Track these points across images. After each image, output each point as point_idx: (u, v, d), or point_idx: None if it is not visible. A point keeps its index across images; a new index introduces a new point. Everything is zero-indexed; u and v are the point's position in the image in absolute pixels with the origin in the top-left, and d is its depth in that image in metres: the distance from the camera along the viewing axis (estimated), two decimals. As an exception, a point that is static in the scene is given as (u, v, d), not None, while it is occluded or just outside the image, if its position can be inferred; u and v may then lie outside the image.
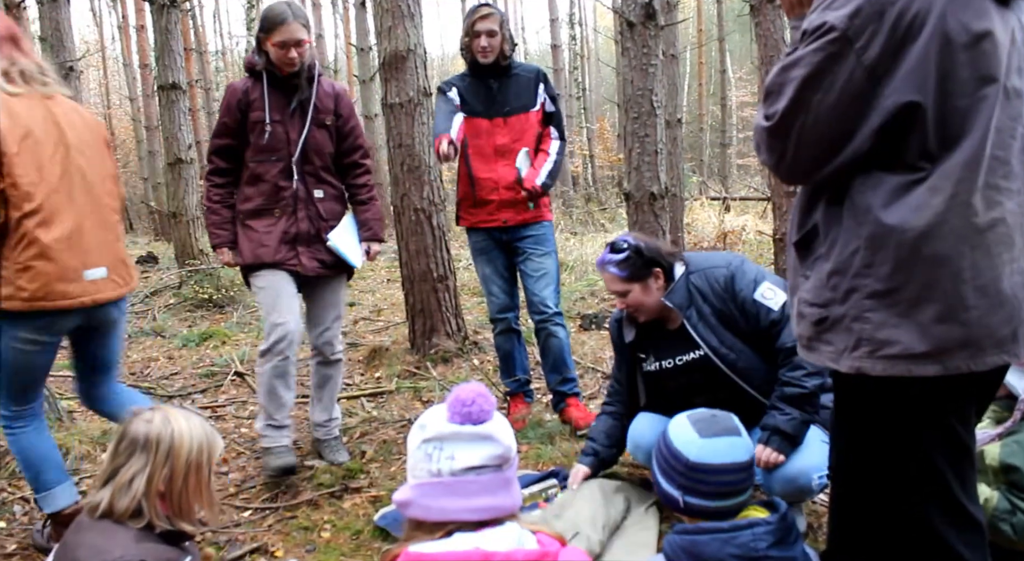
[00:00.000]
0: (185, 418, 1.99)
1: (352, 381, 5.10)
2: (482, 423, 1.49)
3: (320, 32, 22.82)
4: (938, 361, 1.45)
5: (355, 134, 3.57)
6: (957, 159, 1.43)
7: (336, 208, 3.53)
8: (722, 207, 12.25)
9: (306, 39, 3.31)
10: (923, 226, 1.43)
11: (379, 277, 10.15)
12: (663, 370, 2.86)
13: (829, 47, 1.42)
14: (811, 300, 1.59)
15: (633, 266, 2.72)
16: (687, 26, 27.01)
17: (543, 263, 3.92)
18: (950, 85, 1.41)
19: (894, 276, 1.46)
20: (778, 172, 1.59)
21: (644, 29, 3.89)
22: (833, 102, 1.44)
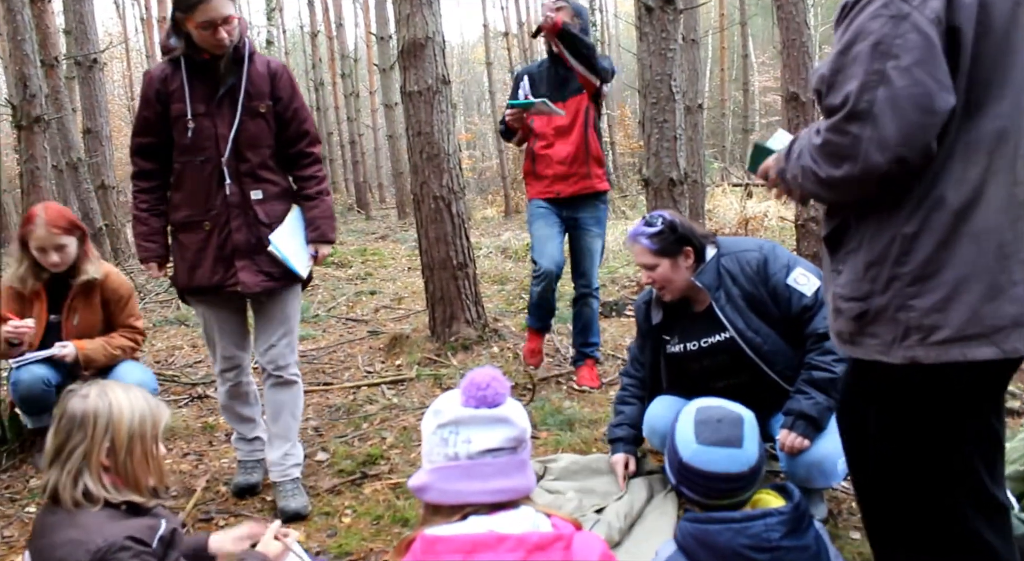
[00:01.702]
0: (124, 390, 1.94)
1: (373, 368, 5.14)
2: (497, 406, 1.50)
3: (340, 21, 22.88)
4: (992, 342, 1.39)
5: (299, 119, 3.07)
6: (988, 128, 1.39)
7: (279, 208, 3.06)
8: (744, 193, 12.14)
9: (234, 14, 2.82)
10: (961, 201, 1.39)
11: (400, 265, 10.19)
12: (687, 352, 2.85)
13: (885, 11, 1.35)
14: (848, 295, 1.54)
15: (665, 241, 2.72)
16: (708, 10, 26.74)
17: (596, 244, 4.37)
18: (982, 39, 1.37)
19: (935, 258, 1.41)
20: (866, 161, 1.38)
21: (663, 13, 3.86)
22: (910, 63, 1.32)
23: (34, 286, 3.47)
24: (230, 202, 2.94)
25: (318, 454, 3.66)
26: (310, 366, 5.31)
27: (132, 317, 3.71)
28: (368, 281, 9.04)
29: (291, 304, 3.16)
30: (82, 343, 3.50)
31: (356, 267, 10.08)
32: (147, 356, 5.66)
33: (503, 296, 7.42)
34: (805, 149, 1.49)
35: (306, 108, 3.12)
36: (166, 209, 3.05)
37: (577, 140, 4.24)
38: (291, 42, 35.11)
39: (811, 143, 1.46)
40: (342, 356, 5.57)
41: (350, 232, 15.76)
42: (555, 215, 4.36)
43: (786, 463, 2.55)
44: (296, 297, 3.19)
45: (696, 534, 2.00)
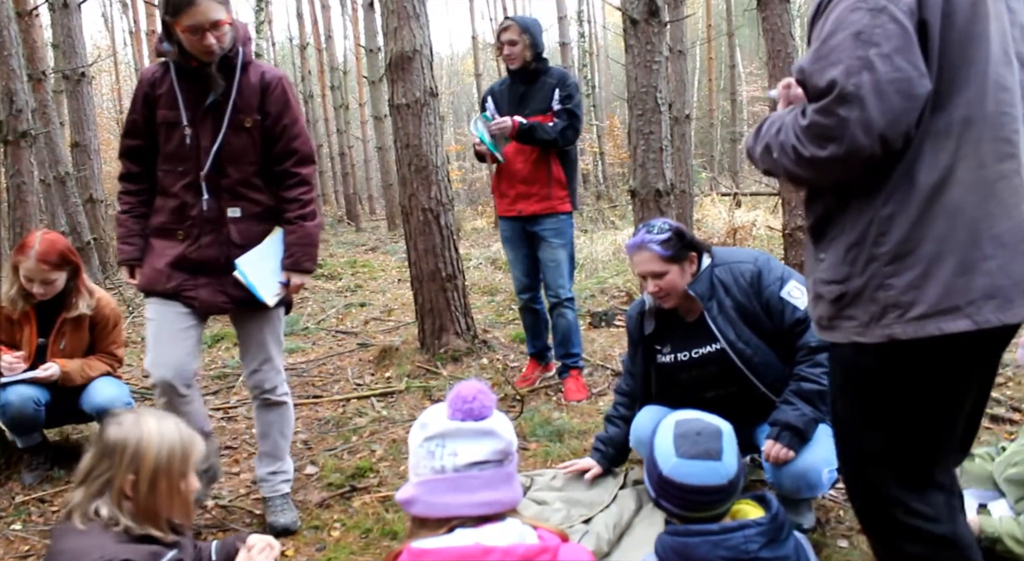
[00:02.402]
0: (159, 421, 1.92)
1: (363, 381, 5.13)
2: (483, 419, 1.51)
3: (330, 33, 22.92)
4: (966, 315, 1.44)
5: (288, 136, 2.87)
6: (955, 115, 1.46)
7: (256, 230, 2.88)
8: (732, 202, 12.21)
9: (224, 19, 2.65)
10: (933, 181, 1.46)
11: (390, 277, 10.19)
12: (678, 362, 2.85)
13: (863, 4, 1.42)
14: (828, 278, 1.59)
15: (675, 247, 2.69)
16: (696, 21, 26.93)
17: (558, 254, 4.38)
18: (947, 33, 1.45)
19: (910, 237, 1.47)
20: (852, 143, 1.42)
21: (647, 26, 3.89)
22: (890, 51, 1.40)
23: (23, 308, 3.47)
24: (205, 217, 2.82)
25: (307, 468, 3.65)
26: (299, 379, 5.29)
27: (115, 344, 3.72)
28: (358, 293, 9.03)
29: (270, 327, 3.01)
30: (63, 362, 3.50)
31: (346, 279, 10.07)
32: (136, 370, 5.63)
33: (493, 307, 7.43)
34: (788, 127, 1.52)
35: (300, 125, 2.92)
36: (149, 212, 2.93)
37: (535, 158, 4.30)
38: (280, 54, 35.14)
39: (796, 123, 1.50)
40: (331, 369, 5.56)
41: (340, 244, 15.75)
42: (519, 236, 4.50)
43: (771, 474, 2.56)
44: (276, 321, 3.04)
45: (675, 547, 2.00)
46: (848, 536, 2.69)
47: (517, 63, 4.31)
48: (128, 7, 23.57)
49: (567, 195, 4.39)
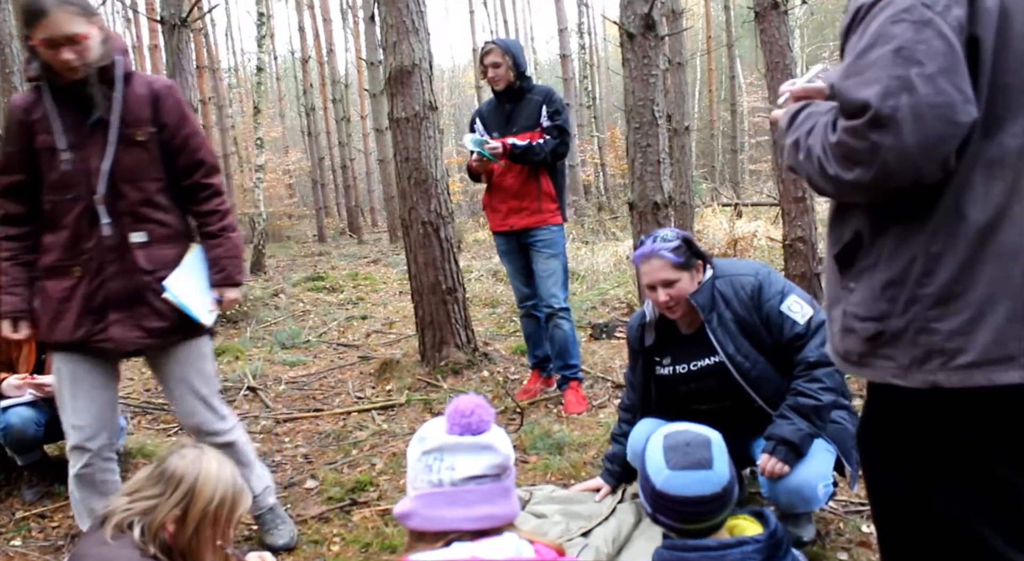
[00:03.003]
0: (219, 463, 1.91)
1: (363, 394, 5.14)
2: (481, 433, 1.52)
3: (331, 47, 23.04)
4: (1020, 366, 1.32)
5: (191, 147, 2.66)
6: (1010, 144, 1.33)
7: (167, 253, 2.62)
8: (733, 213, 12.22)
9: (83, 33, 2.39)
10: (985, 219, 1.33)
11: (392, 289, 10.20)
12: (676, 374, 2.85)
13: (907, 16, 1.27)
14: (863, 314, 1.46)
15: (685, 253, 2.68)
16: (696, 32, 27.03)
17: (550, 264, 4.47)
18: (1002, 49, 1.32)
19: (959, 279, 1.35)
20: (881, 170, 1.30)
21: (644, 40, 3.91)
22: (934, 71, 1.25)
23: None
24: (105, 245, 2.54)
25: (307, 481, 3.65)
26: (301, 392, 5.30)
27: None
28: (359, 306, 9.04)
29: (194, 358, 2.72)
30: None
31: (347, 292, 10.10)
32: (138, 384, 5.65)
33: (494, 319, 7.43)
34: (818, 134, 1.41)
35: (200, 134, 2.72)
36: (36, 259, 2.61)
37: (526, 173, 4.39)
38: (282, 68, 35.33)
39: (826, 134, 1.38)
40: (332, 382, 5.57)
41: (342, 256, 15.79)
42: (514, 249, 4.61)
43: (767, 488, 2.56)
44: (201, 349, 2.74)
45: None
46: (848, 548, 2.69)
47: (502, 84, 4.42)
48: (131, 22, 23.71)
49: (557, 208, 4.48)
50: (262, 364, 6.06)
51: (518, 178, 4.42)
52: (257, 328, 7.74)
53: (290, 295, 9.93)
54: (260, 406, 5.00)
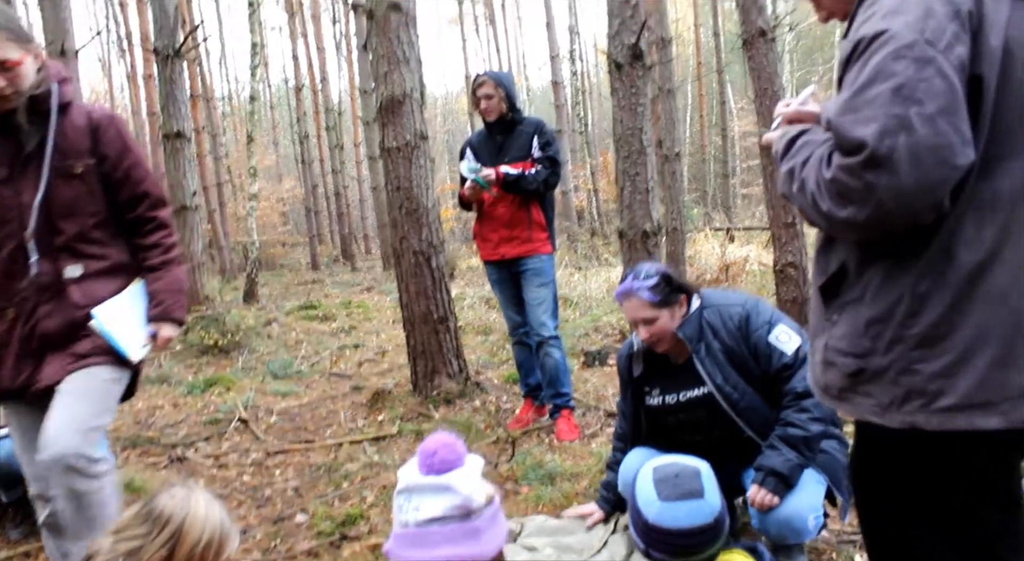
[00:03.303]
0: (207, 505, 1.87)
1: (355, 425, 5.10)
2: (444, 473, 1.51)
3: (325, 75, 23.19)
4: (1001, 412, 1.31)
5: (135, 179, 2.51)
6: (1005, 186, 1.31)
7: (105, 288, 2.45)
8: (726, 238, 12.27)
9: (15, 59, 2.26)
10: (975, 262, 1.31)
11: (385, 317, 10.17)
12: (665, 405, 2.85)
13: (909, 52, 1.24)
14: (845, 349, 1.45)
15: (663, 291, 2.68)
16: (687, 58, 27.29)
17: (540, 293, 4.50)
18: (1004, 90, 1.30)
19: (944, 320, 1.33)
20: (875, 210, 1.28)
21: (632, 69, 3.95)
22: (933, 112, 1.22)
23: None
24: (39, 283, 2.39)
25: (297, 516, 3.61)
26: (292, 424, 5.27)
27: None
28: (352, 334, 9.01)
29: (91, 379, 2.39)
30: None
31: (340, 320, 10.06)
32: (127, 416, 5.60)
33: (487, 347, 7.41)
34: (813, 167, 1.38)
35: (144, 165, 2.57)
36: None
37: (517, 203, 4.45)
38: (276, 96, 35.51)
39: (821, 169, 1.35)
40: (324, 413, 5.53)
41: (335, 284, 15.78)
42: (505, 278, 4.65)
43: (757, 520, 2.54)
44: (104, 377, 2.42)
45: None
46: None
47: (494, 115, 4.49)
48: (126, 52, 23.86)
49: (547, 237, 4.53)
50: (254, 395, 6.02)
51: (509, 207, 4.46)
52: (249, 358, 7.70)
53: (283, 324, 9.90)
54: (251, 438, 4.96)
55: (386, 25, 5.06)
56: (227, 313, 8.65)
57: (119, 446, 4.74)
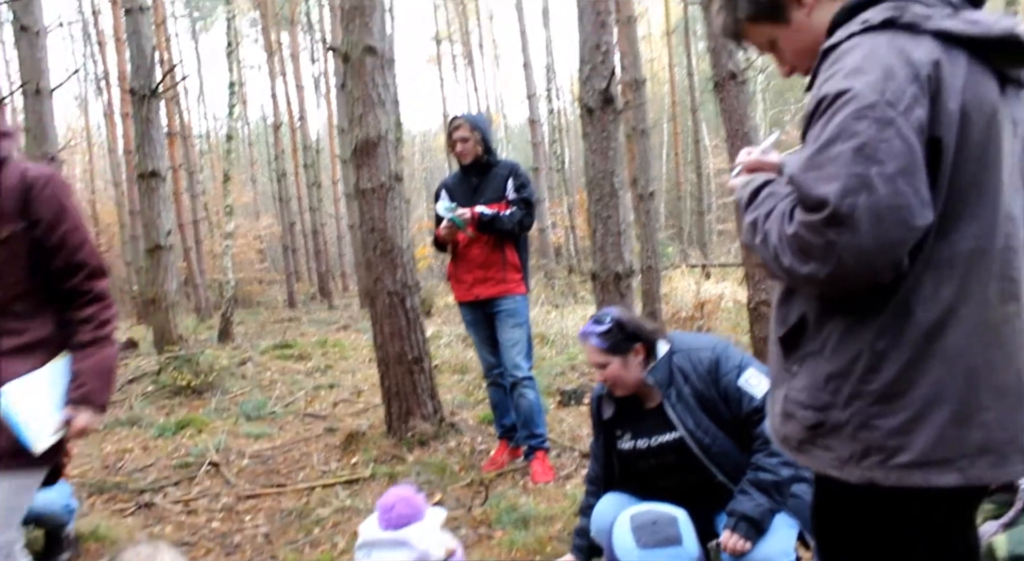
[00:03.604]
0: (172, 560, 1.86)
1: (328, 468, 5.04)
2: (402, 528, 1.50)
3: (303, 113, 23.30)
4: (957, 469, 1.32)
5: (71, 246, 2.22)
6: (962, 246, 1.33)
7: (22, 366, 2.13)
8: (702, 275, 12.36)
9: None
10: (933, 320, 1.33)
11: (361, 356, 10.11)
12: (636, 450, 2.84)
13: (871, 113, 1.26)
14: (804, 402, 1.46)
15: (614, 339, 2.72)
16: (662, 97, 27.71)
17: (515, 333, 4.52)
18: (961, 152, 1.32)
19: (902, 377, 1.34)
20: (836, 268, 1.29)
21: (603, 114, 4.02)
22: (893, 172, 1.24)
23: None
24: None
25: (266, 563, 3.55)
26: (264, 467, 5.19)
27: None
28: (328, 374, 8.94)
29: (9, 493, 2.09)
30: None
31: (316, 359, 9.98)
32: (95, 460, 5.50)
33: (463, 387, 7.38)
34: (776, 220, 1.39)
35: (82, 232, 2.29)
36: None
37: (492, 244, 4.48)
38: (255, 133, 35.59)
39: (783, 224, 1.36)
40: (297, 455, 5.46)
41: (312, 322, 15.68)
42: (480, 319, 4.66)
43: None
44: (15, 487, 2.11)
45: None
46: (815, 625, 2.65)
47: (470, 158, 4.54)
48: (103, 91, 23.86)
49: (521, 278, 4.56)
50: (226, 437, 5.93)
51: (484, 249, 4.48)
52: (223, 399, 7.61)
53: (258, 363, 9.80)
54: (222, 482, 4.88)
55: (361, 68, 5.11)
56: (201, 353, 8.56)
57: (85, 492, 4.64)
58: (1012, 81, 1.38)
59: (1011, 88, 1.39)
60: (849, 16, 1.42)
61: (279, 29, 25.24)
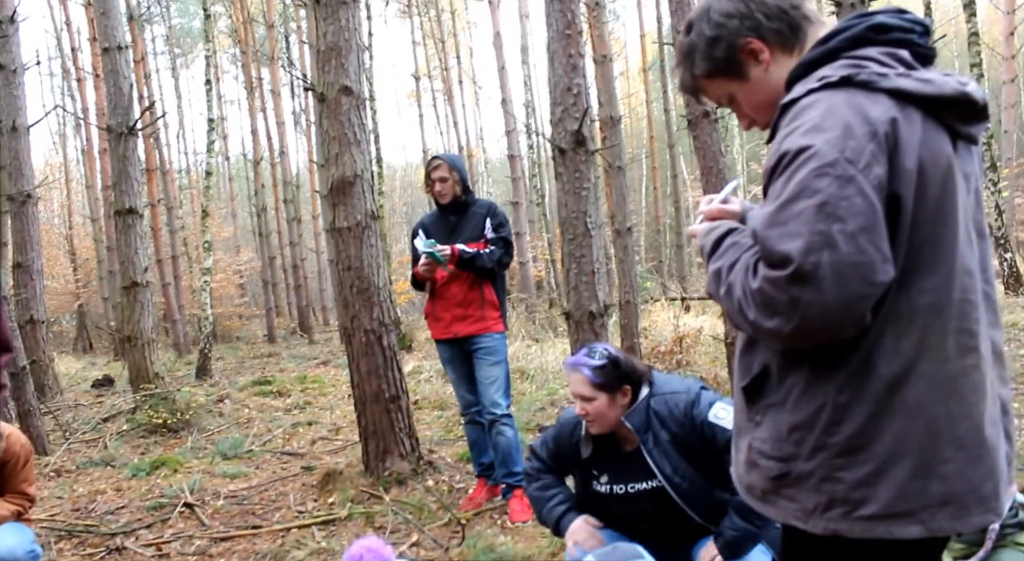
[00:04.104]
0: None
1: (305, 508, 4.98)
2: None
3: (284, 149, 23.34)
4: (920, 521, 1.34)
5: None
6: (921, 301, 1.35)
7: None
8: (681, 308, 12.42)
9: None
10: (894, 373, 1.35)
11: (340, 392, 10.04)
12: (613, 494, 2.83)
13: (831, 170, 1.28)
14: (768, 452, 1.47)
15: (607, 376, 2.69)
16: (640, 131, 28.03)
17: (493, 371, 4.53)
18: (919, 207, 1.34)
19: (865, 430, 1.36)
20: (800, 323, 1.30)
21: (575, 155, 4.07)
22: (855, 230, 1.26)
23: None
24: None
25: (239, 609, 3.50)
26: (240, 508, 5.13)
27: (26, 482, 3.55)
28: (307, 411, 8.88)
29: None
30: None
31: (295, 396, 9.90)
32: (66, 503, 5.41)
33: (442, 423, 7.34)
34: (740, 272, 1.40)
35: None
36: None
37: (470, 282, 4.52)
38: (235, 168, 35.55)
39: (747, 277, 1.37)
40: (274, 495, 5.40)
41: (291, 357, 15.57)
42: (458, 357, 4.67)
43: None
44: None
45: None
46: None
47: (448, 198, 4.60)
48: (80, 127, 23.81)
49: (500, 316, 4.60)
50: (201, 477, 5.86)
51: (463, 287, 4.51)
52: (199, 437, 7.53)
53: (235, 400, 9.72)
54: (196, 524, 4.81)
55: (337, 108, 5.15)
56: (177, 391, 8.49)
57: (53, 537, 4.56)
58: (963, 137, 1.42)
59: (962, 143, 1.43)
60: (806, 72, 1.46)
61: (259, 65, 25.39)
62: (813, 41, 1.51)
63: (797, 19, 1.54)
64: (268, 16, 22.49)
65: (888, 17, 1.46)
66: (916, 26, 1.46)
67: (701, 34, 1.58)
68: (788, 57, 1.54)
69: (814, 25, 1.55)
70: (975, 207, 1.45)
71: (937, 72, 1.43)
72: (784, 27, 1.54)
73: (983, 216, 1.50)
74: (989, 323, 1.45)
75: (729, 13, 1.55)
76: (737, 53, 1.56)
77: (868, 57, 1.40)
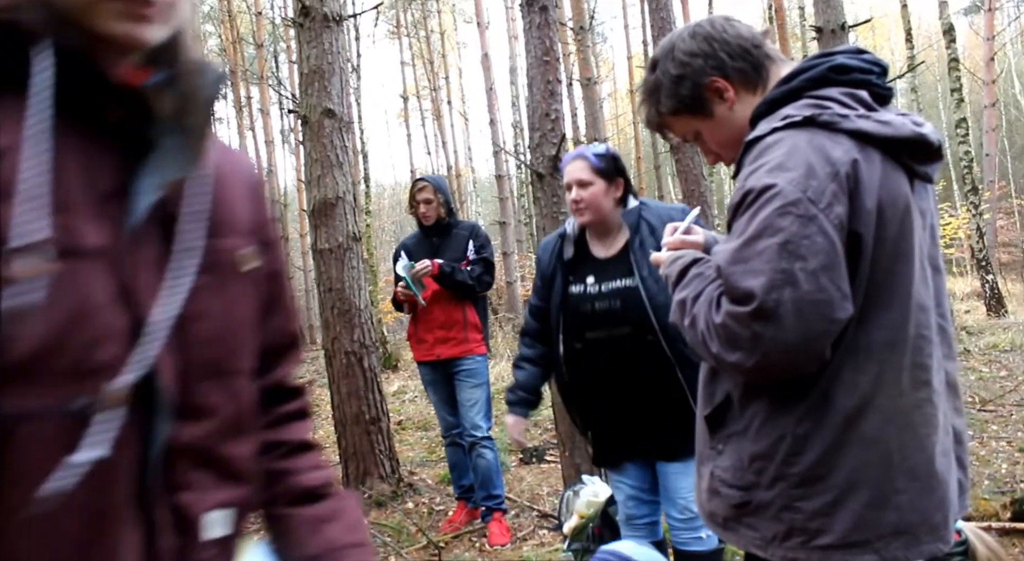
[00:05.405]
0: None
1: (283, 531, 4.96)
2: None
3: (272, 167, 23.38)
4: (874, 550, 1.38)
5: None
6: (878, 337, 1.39)
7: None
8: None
9: None
10: (851, 407, 1.39)
11: (324, 413, 9.95)
12: (586, 293, 2.84)
13: (794, 210, 1.32)
14: (730, 481, 1.51)
15: (608, 165, 2.79)
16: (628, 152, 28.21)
17: (474, 393, 4.55)
18: (878, 246, 1.38)
19: (823, 461, 1.40)
20: (762, 359, 1.34)
21: (552, 179, 4.10)
22: (816, 268, 1.30)
23: None
24: None
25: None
26: (217, 530, 5.09)
27: None
28: None
29: None
30: None
31: (278, 416, 9.84)
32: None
33: (425, 444, 7.32)
34: (703, 305, 1.44)
35: None
36: None
37: (453, 304, 4.54)
38: (223, 187, 35.51)
39: (711, 311, 1.41)
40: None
41: (276, 377, 15.46)
42: (440, 379, 4.66)
43: None
44: None
45: None
46: None
47: (432, 219, 4.63)
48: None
49: (482, 338, 4.61)
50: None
51: (445, 309, 4.53)
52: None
53: (218, 421, 9.64)
54: (173, 547, 4.78)
55: (320, 130, 5.19)
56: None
57: None
58: (919, 175, 1.47)
59: (918, 182, 1.47)
60: (770, 109, 1.50)
61: (248, 84, 25.46)
62: (775, 79, 1.55)
63: (759, 58, 1.58)
64: (258, 36, 22.59)
65: (848, 58, 1.50)
66: (875, 67, 1.51)
67: (666, 72, 1.61)
68: (751, 95, 1.58)
69: (776, 64, 1.59)
70: (930, 243, 1.49)
71: (894, 113, 1.47)
72: (747, 66, 1.57)
73: (938, 251, 1.54)
74: (944, 355, 1.49)
75: (693, 52, 1.58)
76: (702, 91, 1.59)
77: (830, 97, 1.44)
